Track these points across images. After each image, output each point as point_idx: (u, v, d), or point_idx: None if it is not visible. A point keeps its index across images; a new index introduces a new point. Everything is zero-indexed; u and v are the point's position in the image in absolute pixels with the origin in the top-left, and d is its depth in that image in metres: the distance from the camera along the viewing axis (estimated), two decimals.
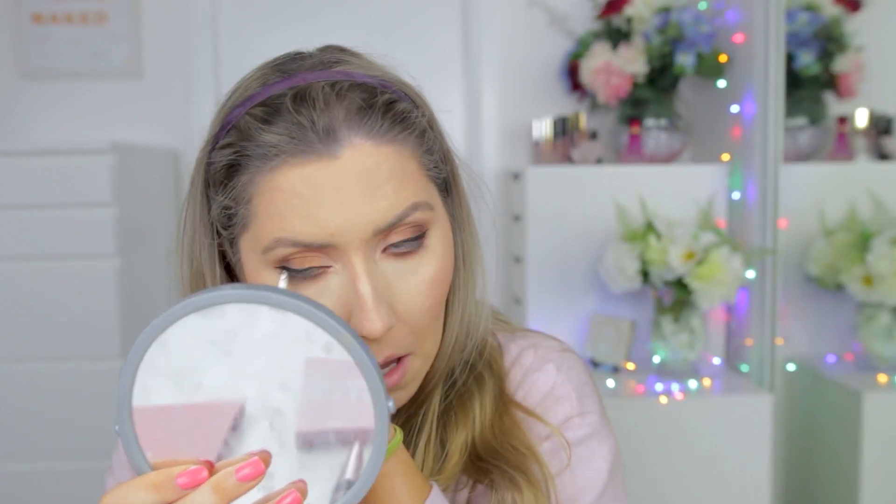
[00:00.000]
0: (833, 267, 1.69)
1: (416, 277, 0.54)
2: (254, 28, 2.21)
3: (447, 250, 0.57)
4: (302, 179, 0.51)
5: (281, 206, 0.51)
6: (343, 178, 0.51)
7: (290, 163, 0.51)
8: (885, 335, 1.64)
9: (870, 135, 1.77)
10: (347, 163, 0.51)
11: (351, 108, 0.52)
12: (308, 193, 0.51)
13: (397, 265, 0.54)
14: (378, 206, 0.51)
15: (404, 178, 0.53)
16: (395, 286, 0.54)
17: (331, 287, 0.53)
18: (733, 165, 1.82)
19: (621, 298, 1.80)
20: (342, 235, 0.51)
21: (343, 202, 0.51)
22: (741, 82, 1.79)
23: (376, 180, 0.52)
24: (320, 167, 0.51)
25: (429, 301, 0.55)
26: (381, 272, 0.53)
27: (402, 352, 0.55)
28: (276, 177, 0.51)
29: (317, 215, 0.51)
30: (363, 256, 0.52)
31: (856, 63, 1.76)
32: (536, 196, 1.79)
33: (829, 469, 1.65)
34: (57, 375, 1.80)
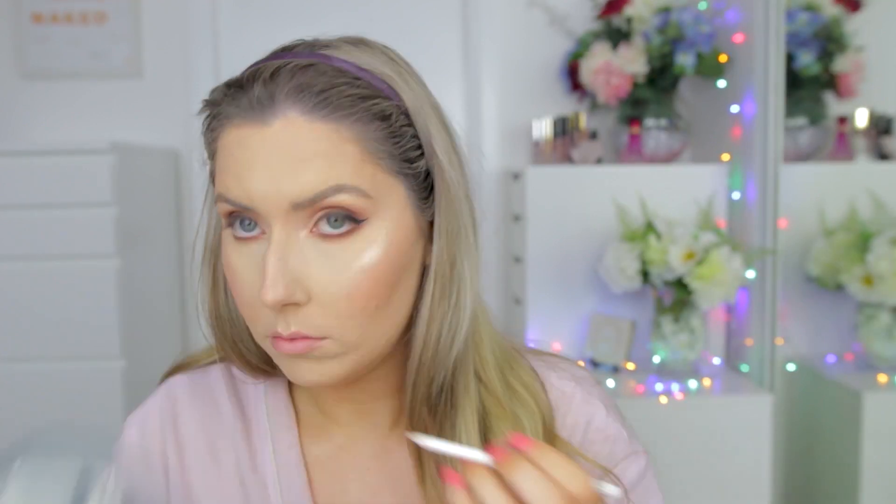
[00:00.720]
0: (833, 267, 1.69)
1: (337, 264, 0.53)
2: (254, 28, 2.21)
3: (390, 249, 0.55)
4: (237, 140, 0.53)
5: (222, 164, 0.55)
6: (271, 146, 0.52)
7: (234, 124, 0.54)
8: (885, 335, 1.64)
9: (870, 135, 1.77)
10: (277, 132, 0.52)
11: (296, 84, 0.53)
12: (239, 155, 0.53)
13: (321, 245, 0.53)
14: (298, 180, 0.52)
15: (336, 159, 0.52)
16: (314, 265, 0.53)
17: (254, 252, 0.55)
18: (733, 165, 1.82)
19: (621, 298, 1.80)
20: (262, 203, 0.53)
21: (266, 169, 0.52)
22: (741, 82, 1.79)
23: (302, 154, 0.52)
24: (252, 131, 0.53)
25: (347, 290, 0.53)
26: (299, 249, 0.53)
27: (313, 333, 0.53)
28: (223, 136, 0.55)
29: (242, 178, 0.53)
30: (281, 228, 0.53)
31: (856, 63, 1.76)
32: (536, 196, 1.79)
33: (830, 469, 1.64)
34: (57, 375, 1.80)
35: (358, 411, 0.64)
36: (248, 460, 0.65)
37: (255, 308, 0.55)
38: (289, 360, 0.55)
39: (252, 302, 0.55)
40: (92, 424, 1.79)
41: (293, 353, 0.54)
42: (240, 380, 0.68)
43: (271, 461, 0.64)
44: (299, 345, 0.54)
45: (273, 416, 0.65)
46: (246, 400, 0.67)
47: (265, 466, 0.64)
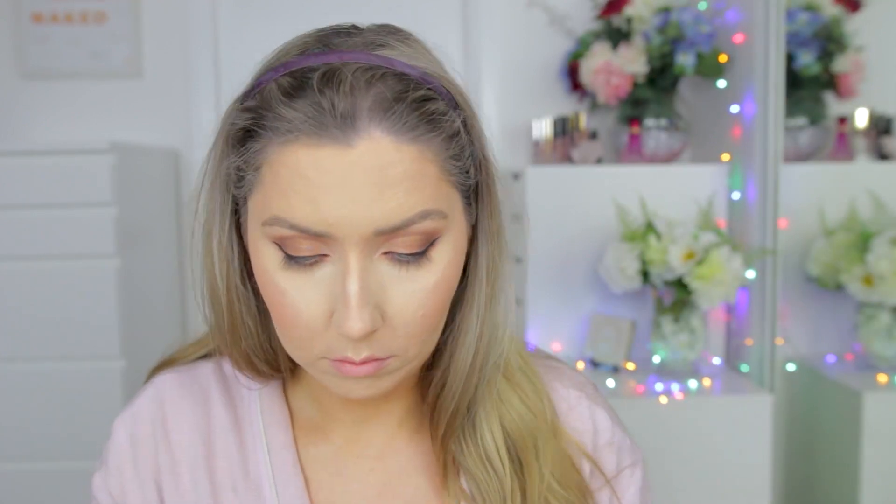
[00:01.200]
0: (833, 267, 1.69)
1: (414, 285, 0.51)
2: (254, 28, 2.21)
3: (454, 260, 0.54)
4: (311, 162, 0.48)
5: (285, 184, 0.49)
6: (354, 169, 0.48)
7: (302, 142, 0.48)
8: (885, 335, 1.64)
9: (870, 135, 1.77)
10: (362, 154, 0.48)
11: (378, 99, 0.49)
12: (315, 178, 0.48)
13: (395, 270, 0.51)
14: (386, 206, 0.48)
15: (420, 181, 0.50)
16: (390, 290, 0.51)
17: (322, 277, 0.51)
18: (733, 165, 1.82)
19: (621, 298, 1.80)
20: (342, 228, 0.48)
21: (349, 194, 0.48)
22: (741, 82, 1.79)
23: (389, 179, 0.48)
24: (332, 153, 0.48)
25: (422, 310, 0.52)
26: (376, 272, 0.51)
27: (383, 354, 0.52)
28: (286, 152, 0.49)
29: (319, 202, 0.48)
30: (360, 253, 0.50)
31: (856, 63, 1.76)
32: (536, 196, 1.79)
33: (830, 469, 1.64)
34: (57, 375, 1.80)
35: (365, 412, 0.63)
36: (240, 463, 0.63)
37: (313, 331, 0.52)
38: (344, 380, 0.54)
39: (310, 325, 0.51)
40: (91, 424, 1.79)
41: (359, 376, 0.53)
42: (231, 378, 0.66)
43: (266, 463, 0.62)
44: (369, 367, 0.52)
45: (267, 417, 0.63)
46: (238, 398, 0.65)
47: (259, 468, 0.62)
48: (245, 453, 0.63)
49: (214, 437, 0.63)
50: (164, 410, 0.65)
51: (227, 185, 0.57)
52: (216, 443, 0.63)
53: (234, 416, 0.64)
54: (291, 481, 0.61)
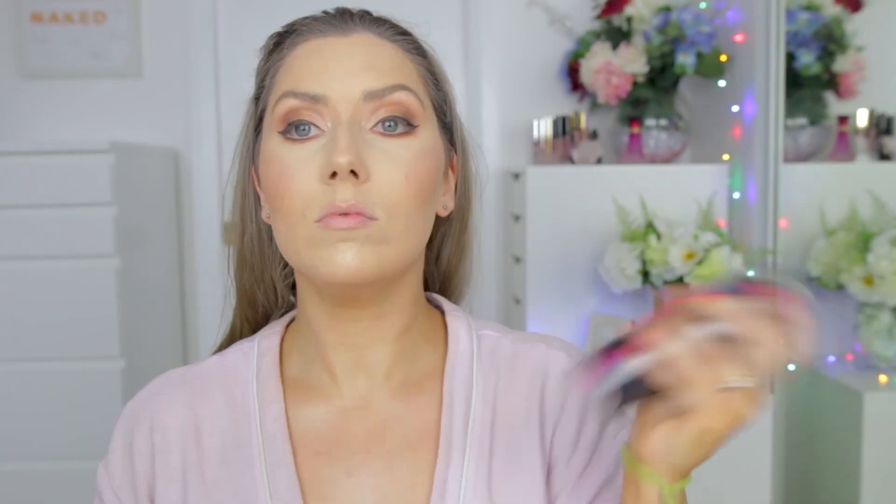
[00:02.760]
0: (833, 267, 1.69)
1: (397, 154, 0.60)
2: (254, 28, 2.21)
3: (435, 156, 0.63)
4: (315, 47, 0.62)
5: (293, 68, 0.62)
6: (348, 50, 0.61)
7: (311, 38, 0.63)
8: (885, 335, 1.64)
9: (870, 135, 1.77)
10: (355, 41, 0.62)
11: (368, 17, 0.65)
12: (316, 57, 0.61)
13: (383, 140, 0.60)
14: (373, 74, 0.60)
15: (400, 68, 0.63)
16: (376, 153, 0.59)
17: (318, 147, 0.59)
18: (733, 165, 1.82)
19: (621, 298, 1.80)
20: (336, 89, 0.59)
21: (342, 65, 0.61)
22: (741, 82, 1.78)
23: (376, 60, 0.61)
24: (332, 41, 0.62)
25: (407, 173, 0.59)
26: (364, 139, 0.59)
27: (368, 210, 0.58)
28: (298, 48, 0.63)
29: (318, 72, 0.60)
30: (350, 114, 0.59)
31: (856, 63, 1.76)
32: (536, 196, 1.79)
33: (830, 469, 1.64)
34: (57, 375, 1.80)
35: (355, 360, 0.65)
36: (232, 435, 0.65)
37: (308, 193, 0.58)
38: (333, 246, 0.58)
39: (307, 187, 0.58)
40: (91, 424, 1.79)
41: (344, 228, 0.57)
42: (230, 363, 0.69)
43: (257, 434, 0.64)
44: (353, 219, 0.57)
45: (261, 391, 0.66)
46: (236, 380, 0.67)
47: (251, 440, 0.64)
48: (237, 426, 0.65)
49: (204, 414, 0.66)
50: (160, 401, 0.67)
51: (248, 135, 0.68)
52: (205, 420, 0.66)
53: (231, 394, 0.67)
54: (278, 453, 0.63)
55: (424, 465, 0.63)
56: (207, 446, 0.65)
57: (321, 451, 0.64)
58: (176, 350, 2.20)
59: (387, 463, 0.63)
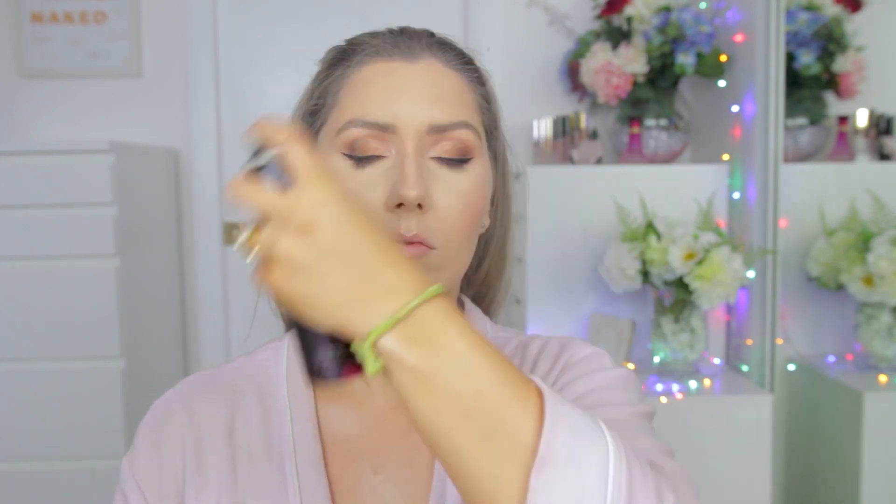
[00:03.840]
0: (833, 267, 1.69)
1: (456, 184, 0.62)
2: (254, 28, 2.20)
3: (484, 184, 0.65)
4: (383, 71, 0.63)
5: (362, 93, 0.63)
6: (416, 78, 0.63)
7: (377, 60, 0.64)
8: (885, 335, 1.64)
9: (870, 135, 1.78)
10: (422, 68, 0.63)
11: (430, 40, 0.66)
12: (384, 83, 0.62)
13: (442, 169, 0.62)
14: (438, 108, 0.62)
15: (463, 100, 0.64)
16: (437, 184, 0.62)
17: (383, 170, 0.61)
18: (733, 165, 1.82)
19: (621, 298, 1.80)
20: (403, 119, 0.61)
21: (410, 95, 0.62)
22: (741, 82, 1.78)
23: (442, 90, 0.63)
24: (399, 66, 0.63)
25: (461, 205, 0.62)
26: (426, 167, 0.62)
27: (429, 240, 0.60)
28: (363, 70, 0.64)
29: (389, 100, 0.62)
30: (415, 146, 0.61)
31: (856, 63, 1.76)
32: (536, 196, 1.79)
33: (830, 469, 1.64)
34: (57, 375, 1.80)
35: None
36: (262, 436, 0.65)
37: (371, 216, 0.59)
38: None
39: (369, 209, 0.59)
40: (91, 424, 1.79)
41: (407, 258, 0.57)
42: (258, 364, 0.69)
43: (289, 435, 0.65)
44: (416, 249, 0.60)
45: (292, 391, 0.67)
46: (265, 379, 0.68)
47: (283, 438, 0.65)
48: (268, 426, 0.66)
49: (236, 413, 0.66)
50: (191, 398, 0.67)
51: None
52: (237, 418, 0.66)
53: (261, 393, 0.67)
54: (310, 453, 0.64)
55: None
56: (240, 444, 0.65)
57: (350, 450, 0.65)
58: (176, 350, 2.20)
59: (408, 457, 0.65)
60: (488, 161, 0.67)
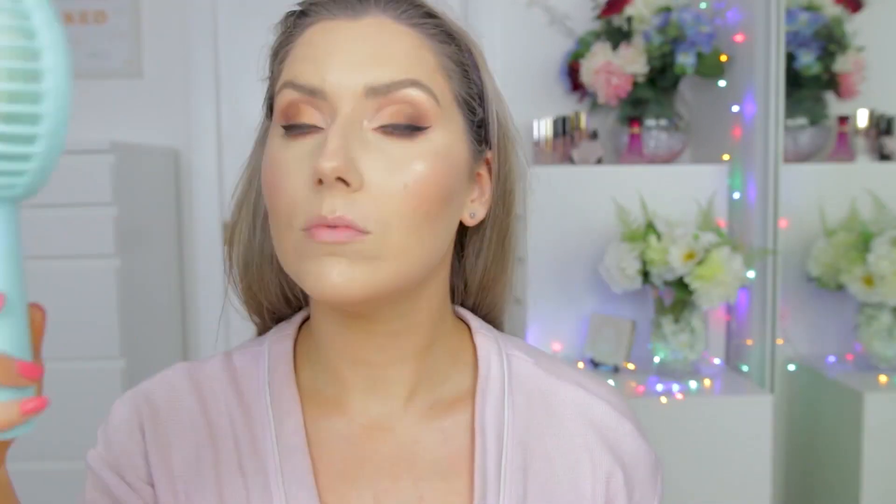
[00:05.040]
0: (833, 267, 1.69)
1: (399, 159, 0.53)
2: (254, 28, 2.21)
3: (449, 163, 0.55)
4: (321, 32, 0.55)
5: (298, 55, 0.56)
6: (357, 36, 0.54)
7: (320, 20, 0.56)
8: (885, 335, 1.64)
9: (870, 135, 1.77)
10: (365, 25, 0.55)
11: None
12: (321, 43, 0.55)
13: (383, 141, 0.53)
14: (380, 67, 0.53)
15: (416, 61, 0.54)
16: (374, 155, 0.52)
17: (314, 146, 0.53)
18: (734, 165, 1.82)
19: (621, 298, 1.80)
20: (335, 84, 0.53)
21: (346, 55, 0.53)
22: (741, 82, 1.78)
23: (387, 48, 0.54)
24: (340, 25, 0.55)
25: (407, 182, 0.52)
26: (362, 139, 0.52)
27: (358, 222, 0.51)
28: (305, 32, 0.56)
29: (320, 62, 0.54)
30: (349, 112, 0.53)
31: (856, 63, 1.76)
32: (536, 196, 1.79)
33: (830, 470, 1.64)
34: (57, 375, 1.79)
35: (372, 378, 0.61)
36: (248, 444, 0.60)
37: (296, 198, 0.52)
38: (318, 260, 0.51)
39: (294, 192, 0.52)
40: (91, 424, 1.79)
41: (330, 242, 0.51)
42: (240, 368, 0.64)
43: (273, 448, 0.59)
44: (340, 233, 0.51)
45: (276, 402, 0.61)
46: (247, 386, 0.63)
47: (266, 453, 0.59)
48: (254, 434, 0.61)
49: (220, 419, 0.62)
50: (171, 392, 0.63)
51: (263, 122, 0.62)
52: (222, 425, 0.61)
53: (242, 400, 0.62)
54: (298, 466, 0.59)
55: (457, 497, 0.59)
56: (223, 449, 0.60)
57: (343, 471, 0.59)
58: (176, 350, 2.20)
59: (417, 492, 0.59)
60: (461, 132, 0.57)
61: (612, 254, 1.67)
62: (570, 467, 0.61)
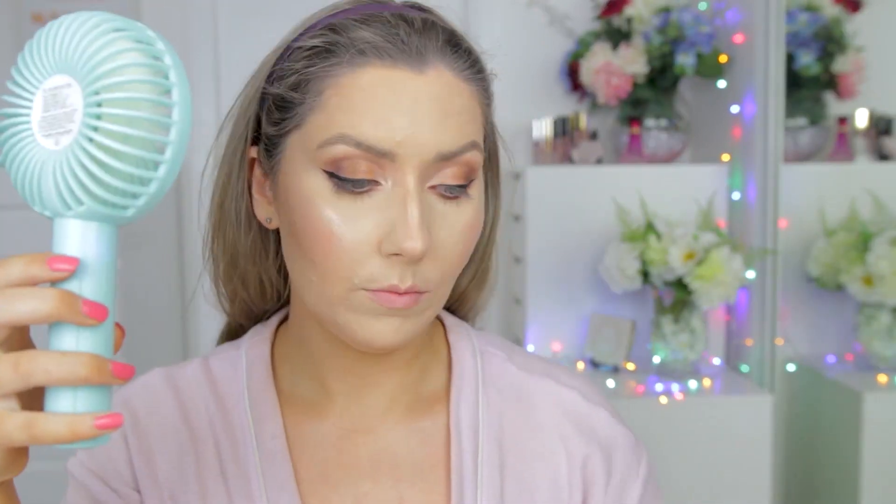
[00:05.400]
0: (833, 267, 1.69)
1: (457, 220, 0.54)
2: (254, 28, 2.21)
3: (481, 205, 0.57)
4: (386, 83, 0.51)
5: (357, 104, 0.51)
6: (423, 94, 0.51)
7: (377, 65, 0.51)
8: (885, 335, 1.64)
9: (870, 135, 1.77)
10: (430, 82, 0.52)
11: (441, 41, 0.53)
12: (387, 97, 0.51)
13: (441, 205, 0.53)
14: (448, 131, 0.52)
15: (472, 116, 0.54)
16: (437, 220, 0.53)
17: (374, 205, 0.52)
18: (733, 165, 1.82)
19: (621, 298, 1.80)
20: (408, 148, 0.51)
21: (418, 116, 0.51)
22: (741, 82, 1.79)
23: (452, 108, 0.52)
24: (405, 77, 0.51)
25: (460, 246, 0.54)
26: (427, 201, 0.53)
27: (421, 286, 0.53)
28: (360, 74, 0.51)
29: (390, 121, 0.50)
30: (418, 178, 0.51)
31: (856, 63, 1.76)
32: (536, 196, 1.79)
33: (830, 470, 1.65)
34: None
35: (358, 386, 0.61)
36: (229, 449, 0.61)
37: (356, 260, 0.51)
38: (378, 318, 0.53)
39: (356, 252, 0.51)
40: None
41: (398, 307, 0.52)
42: (217, 371, 0.65)
43: (254, 452, 0.59)
44: (409, 299, 0.52)
45: (255, 406, 0.61)
46: (226, 391, 0.63)
47: (247, 459, 0.59)
48: (234, 439, 0.61)
49: (200, 424, 0.62)
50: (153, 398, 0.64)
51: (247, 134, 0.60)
52: (202, 431, 0.62)
53: (221, 404, 0.63)
54: (279, 472, 0.59)
55: (437, 498, 0.60)
56: (205, 455, 0.61)
57: (324, 474, 0.60)
58: (176, 350, 2.20)
59: (397, 493, 0.60)
60: (482, 173, 0.59)
61: (611, 254, 1.67)
62: (546, 460, 0.62)
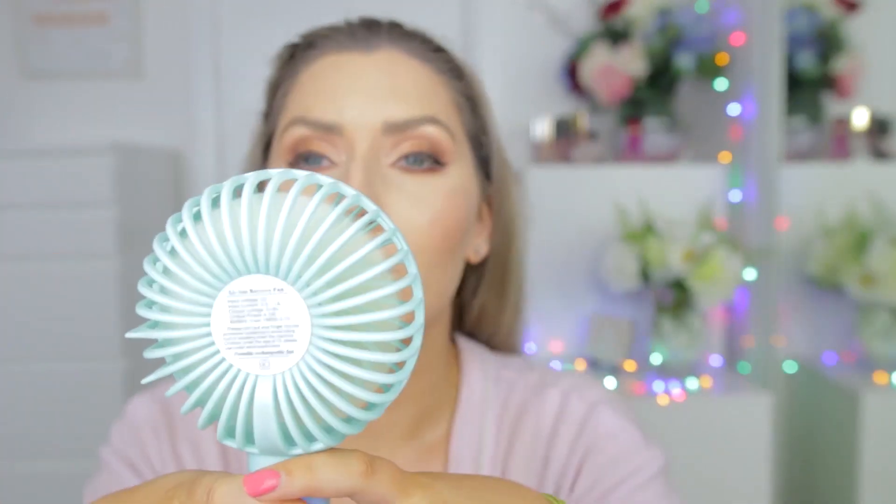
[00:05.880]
0: (832, 267, 1.69)
1: (421, 196, 0.51)
2: (254, 28, 2.21)
3: (466, 199, 0.54)
4: (333, 65, 0.53)
5: (308, 88, 0.53)
6: (371, 69, 0.53)
7: (328, 52, 0.54)
8: (884, 335, 1.64)
9: (869, 135, 1.78)
10: (379, 59, 0.53)
11: (397, 31, 0.55)
12: (334, 77, 0.53)
13: (404, 177, 0.52)
14: (398, 101, 0.52)
15: (431, 96, 0.53)
16: (394, 192, 0.51)
17: None
18: (733, 166, 1.82)
19: (621, 298, 1.80)
20: (353, 119, 0.51)
21: (364, 91, 0.52)
22: (741, 83, 1.79)
23: (402, 82, 0.52)
24: (352, 58, 0.53)
25: (431, 219, 0.51)
26: (382, 176, 0.51)
27: None
28: (314, 64, 0.54)
29: (336, 97, 0.52)
30: (367, 148, 0.51)
31: (855, 63, 1.77)
32: (536, 196, 1.79)
33: (829, 469, 1.65)
34: (57, 375, 1.80)
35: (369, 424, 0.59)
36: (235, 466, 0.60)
37: None
38: None
39: None
40: (91, 424, 1.79)
41: None
42: None
43: None
44: None
45: None
46: None
47: None
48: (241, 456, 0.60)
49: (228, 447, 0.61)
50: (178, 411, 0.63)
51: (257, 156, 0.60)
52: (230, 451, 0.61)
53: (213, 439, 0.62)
54: None
55: None
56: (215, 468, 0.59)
57: None
58: None
59: None
60: (472, 169, 0.57)
61: (611, 254, 1.67)
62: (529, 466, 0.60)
